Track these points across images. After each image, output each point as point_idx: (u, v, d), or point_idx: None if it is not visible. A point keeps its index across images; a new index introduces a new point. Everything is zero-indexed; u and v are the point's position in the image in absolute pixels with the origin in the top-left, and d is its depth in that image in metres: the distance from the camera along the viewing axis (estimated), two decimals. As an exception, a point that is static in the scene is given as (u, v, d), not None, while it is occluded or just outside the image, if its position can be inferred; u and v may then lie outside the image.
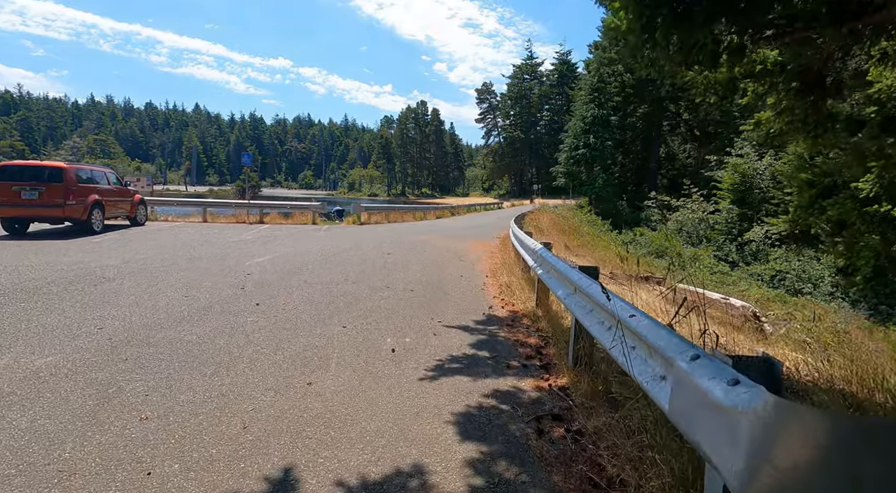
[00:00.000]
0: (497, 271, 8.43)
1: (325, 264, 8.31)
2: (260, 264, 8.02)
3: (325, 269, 7.89)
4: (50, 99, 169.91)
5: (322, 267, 8.03)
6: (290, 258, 8.79)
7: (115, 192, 13.06)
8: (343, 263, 8.61)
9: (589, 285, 3.30)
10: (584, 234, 21.38)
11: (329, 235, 13.56)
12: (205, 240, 11.15)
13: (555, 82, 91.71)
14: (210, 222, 16.81)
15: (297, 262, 8.41)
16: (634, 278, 13.64)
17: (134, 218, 14.19)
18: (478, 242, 14.01)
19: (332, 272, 7.57)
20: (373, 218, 20.62)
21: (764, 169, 33.42)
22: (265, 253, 9.34)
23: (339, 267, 8.06)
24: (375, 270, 8.06)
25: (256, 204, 17.84)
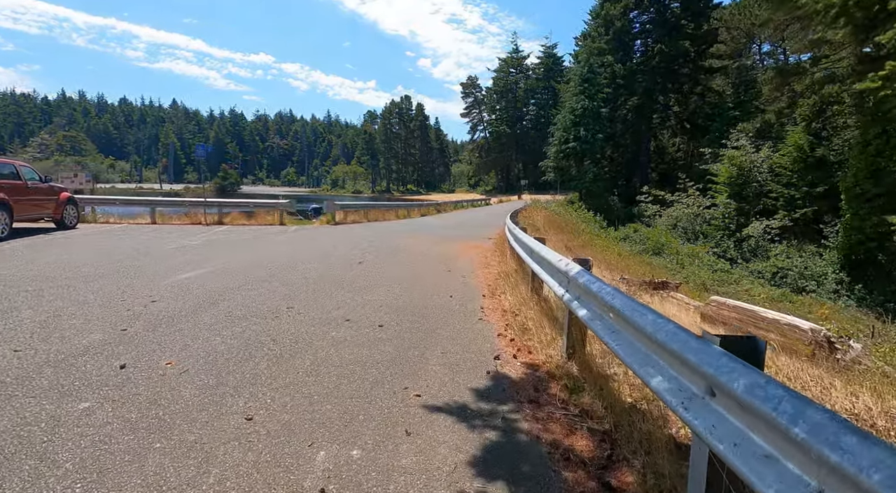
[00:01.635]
0: (496, 288, 6.52)
1: (271, 282, 6.30)
2: (182, 283, 5.97)
3: (269, 289, 5.88)
4: (17, 94, 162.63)
5: (265, 286, 6.02)
6: (229, 274, 6.75)
7: (30, 190, 10.79)
8: (295, 279, 6.60)
9: (732, 371, 1.44)
10: (583, 232, 19.65)
11: (293, 239, 11.51)
12: (135, 247, 9.02)
13: (541, 76, 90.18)
14: (160, 224, 14.58)
15: (236, 280, 6.38)
16: (649, 285, 11.89)
17: (61, 220, 11.94)
18: (468, 243, 12.11)
19: (275, 295, 5.57)
20: (350, 217, 18.56)
21: (761, 161, 32.15)
22: (201, 266, 7.28)
23: (287, 287, 6.06)
24: (336, 289, 6.08)
25: (215, 202, 15.65)
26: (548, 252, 4.52)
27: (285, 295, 5.54)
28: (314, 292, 5.80)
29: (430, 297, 5.89)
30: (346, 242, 11.36)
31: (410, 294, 5.99)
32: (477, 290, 6.50)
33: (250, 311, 4.83)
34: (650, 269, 16.98)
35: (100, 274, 6.31)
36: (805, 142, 29.36)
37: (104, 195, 17.28)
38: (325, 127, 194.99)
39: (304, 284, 6.27)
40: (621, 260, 16.29)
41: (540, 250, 4.81)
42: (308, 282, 6.40)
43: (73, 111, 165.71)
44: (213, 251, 8.96)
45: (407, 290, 6.24)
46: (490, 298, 5.97)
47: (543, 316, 4.72)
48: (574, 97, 44.96)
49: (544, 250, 4.79)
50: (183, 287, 5.73)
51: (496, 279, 7.15)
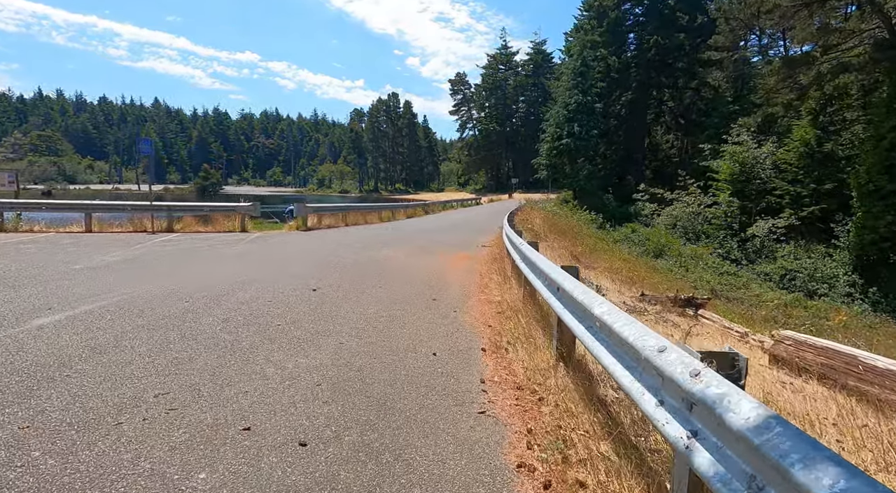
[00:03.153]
0: (501, 334, 4.55)
1: (169, 331, 4.27)
2: (18, 339, 3.92)
3: (152, 348, 3.86)
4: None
5: (153, 341, 4.00)
6: (119, 315, 4.71)
7: None
8: (209, 325, 4.58)
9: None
10: (585, 236, 17.80)
11: (246, 252, 9.43)
12: (22, 268, 6.90)
13: (530, 73, 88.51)
14: (97, 232, 12.40)
15: (118, 326, 4.34)
16: (674, 302, 10.03)
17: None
18: (459, 254, 10.15)
19: (153, 366, 3.54)
20: (325, 221, 16.47)
21: (764, 157, 30.63)
22: (90, 299, 5.22)
23: (187, 341, 4.04)
24: (263, 344, 4.07)
25: (163, 206, 13.46)
26: (605, 311, 2.55)
27: (169, 364, 3.50)
28: (224, 353, 3.78)
29: (404, 357, 3.90)
30: (309, 254, 9.32)
31: (373, 351, 4.00)
32: (473, 338, 4.53)
33: (94, 400, 2.80)
34: (661, 277, 15.21)
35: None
36: (812, 136, 27.88)
37: (28, 200, 15.02)
38: (311, 126, 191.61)
39: (215, 334, 4.24)
40: (628, 267, 14.48)
41: (587, 300, 2.83)
42: (225, 329, 4.37)
43: (49, 110, 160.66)
44: (130, 273, 6.88)
45: (370, 342, 4.24)
46: (494, 355, 4.00)
47: (588, 407, 2.77)
48: (567, 92, 43.22)
49: (592, 300, 2.83)
50: (9, 349, 3.67)
51: (499, 317, 5.19)
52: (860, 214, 23.80)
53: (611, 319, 2.28)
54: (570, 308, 3.32)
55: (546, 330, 4.36)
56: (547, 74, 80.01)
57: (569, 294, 3.24)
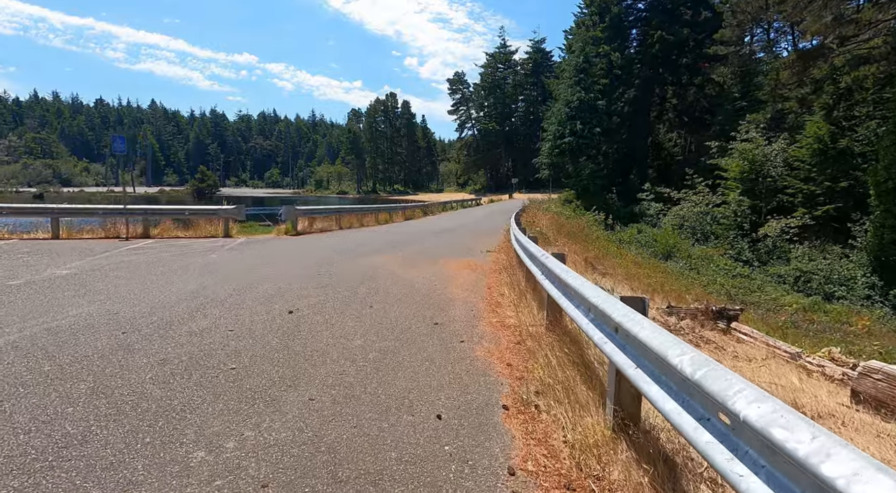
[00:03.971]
0: (526, 379, 3.45)
1: (74, 383, 3.17)
2: None
3: (36, 419, 2.77)
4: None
5: (38, 405, 2.91)
6: (10, 362, 3.62)
7: None
8: (138, 370, 3.49)
9: None
10: (595, 239, 16.71)
11: (219, 263, 8.32)
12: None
13: (529, 72, 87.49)
14: (64, 239, 11.29)
15: (4, 381, 3.25)
16: (705, 315, 8.95)
17: None
18: (461, 262, 9.06)
19: (23, 456, 2.45)
20: (316, 224, 15.36)
21: (775, 155, 29.56)
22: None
23: (91, 403, 2.94)
24: (194, 411, 2.97)
25: (139, 210, 12.33)
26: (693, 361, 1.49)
27: (47, 451, 2.41)
28: (139, 423, 2.68)
29: (396, 423, 2.79)
30: (293, 264, 8.22)
31: (355, 412, 2.90)
32: (489, 385, 3.43)
33: None
34: (680, 283, 14.13)
35: None
36: (826, 132, 26.79)
37: (15, 205, 13.96)
38: (309, 127, 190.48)
39: (142, 386, 3.14)
40: (645, 272, 13.42)
41: (663, 345, 1.78)
42: (159, 377, 3.27)
43: (45, 113, 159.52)
44: (74, 290, 5.77)
45: (351, 394, 3.14)
46: (520, 417, 2.89)
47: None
48: (569, 89, 42.14)
49: (670, 345, 1.78)
50: None
51: (518, 350, 4.10)
52: (878, 212, 22.71)
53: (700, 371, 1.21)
54: (633, 355, 2.24)
55: (587, 375, 3.27)
56: (546, 73, 79.02)
57: (635, 338, 2.16)
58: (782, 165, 29.10)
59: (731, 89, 41.30)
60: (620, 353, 2.34)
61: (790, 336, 10.91)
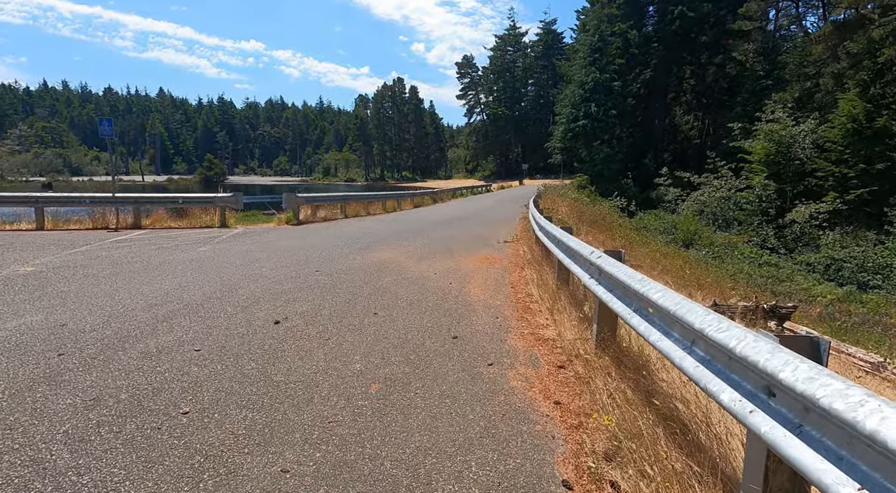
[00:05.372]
0: (586, 428, 2.50)
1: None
2: None
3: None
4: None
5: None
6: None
7: None
8: (53, 417, 2.59)
9: None
10: (620, 227, 15.60)
11: (208, 256, 7.42)
12: None
13: (540, 54, 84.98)
14: (50, 229, 10.49)
15: None
16: (755, 313, 7.92)
17: None
18: (478, 255, 8.08)
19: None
20: (320, 212, 14.42)
21: (804, 136, 27.93)
22: None
23: None
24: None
25: (129, 198, 11.48)
26: None
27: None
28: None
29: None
30: (289, 259, 7.30)
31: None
32: (537, 442, 2.47)
33: None
34: (714, 275, 13.05)
35: None
36: (860, 111, 25.09)
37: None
38: (316, 114, 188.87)
39: (45, 450, 2.24)
40: (674, 263, 12.34)
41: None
42: (77, 431, 2.36)
43: (55, 102, 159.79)
44: (28, 293, 4.90)
45: (342, 461, 2.21)
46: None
47: None
48: (583, 70, 40.42)
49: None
50: None
51: (563, 377, 3.13)
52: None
53: None
54: (818, 439, 1.28)
55: (674, 425, 2.30)
56: (558, 55, 76.69)
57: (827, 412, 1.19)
58: (811, 146, 27.49)
59: (754, 68, 39.30)
60: (764, 418, 1.35)
61: (830, 331, 9.84)
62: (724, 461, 2.05)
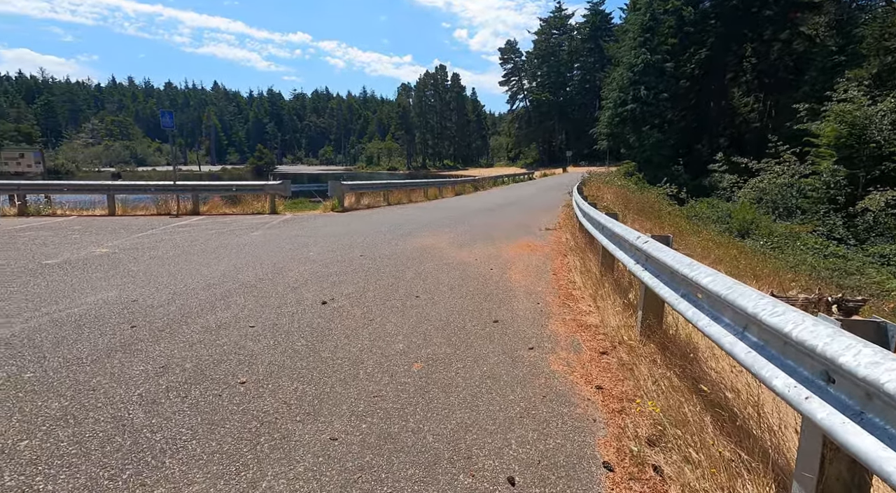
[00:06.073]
0: (628, 412, 2.48)
1: (45, 402, 2.56)
2: None
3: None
4: (72, 82, 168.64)
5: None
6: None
7: None
8: (130, 381, 2.85)
9: None
10: (668, 215, 14.97)
11: (261, 240, 7.81)
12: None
13: (586, 37, 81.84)
14: (119, 216, 11.36)
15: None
16: (817, 305, 7.44)
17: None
18: (520, 242, 8.03)
19: None
20: (364, 200, 14.76)
21: (882, 116, 25.50)
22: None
23: (50, 445, 2.30)
24: (174, 455, 2.26)
25: (188, 187, 12.20)
26: None
27: None
28: (99, 483, 1.99)
29: (451, 487, 1.94)
30: (335, 243, 7.55)
31: (389, 473, 2.07)
32: (577, 424, 2.48)
33: None
34: (767, 264, 12.29)
35: None
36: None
37: (49, 181, 14.35)
38: (360, 103, 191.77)
39: (124, 411, 2.48)
40: (727, 253, 11.71)
41: None
42: (148, 396, 2.60)
43: (122, 97, 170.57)
44: (102, 272, 5.38)
45: (386, 434, 2.32)
46: (635, 490, 1.95)
47: None
48: (633, 51, 38.65)
49: None
50: None
51: (605, 363, 3.10)
52: None
53: None
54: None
55: (721, 413, 2.23)
56: (605, 37, 73.59)
57: None
58: (890, 127, 25.08)
59: (825, 43, 36.13)
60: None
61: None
62: (777, 451, 1.98)
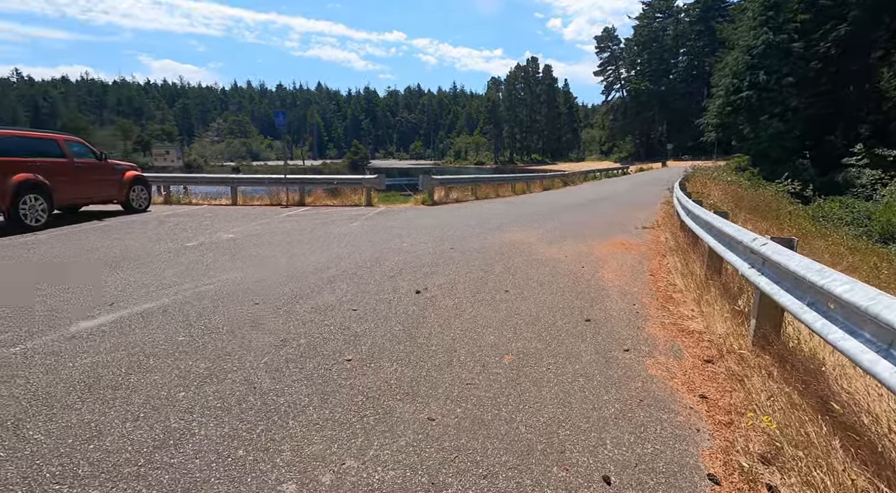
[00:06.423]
0: (739, 430, 2.32)
1: (194, 361, 3.02)
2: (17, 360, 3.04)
3: (160, 386, 2.60)
4: (203, 87, 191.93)
5: (157, 381, 2.77)
6: (152, 329, 3.71)
7: (77, 168, 9.30)
8: (256, 350, 3.26)
9: None
10: (786, 215, 13.28)
11: (359, 231, 8.37)
12: (136, 245, 6.69)
13: (695, 18, 74.79)
14: (239, 205, 12.84)
15: (137, 351, 3.28)
16: None
17: (128, 202, 10.56)
18: (613, 240, 7.70)
19: (138, 438, 2.23)
20: (452, 194, 15.07)
21: None
22: (149, 296, 4.42)
23: (204, 389, 2.70)
24: (296, 418, 2.54)
25: (296, 180, 13.39)
26: None
27: (157, 440, 2.15)
28: (236, 426, 2.34)
29: (543, 483, 1.98)
30: (426, 236, 7.84)
31: (484, 456, 2.16)
32: (679, 428, 2.37)
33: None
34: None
35: None
36: None
37: (206, 175, 16.38)
38: (450, 99, 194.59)
39: (254, 373, 2.84)
40: (859, 258, 10.11)
41: None
42: (274, 363, 2.96)
43: (241, 99, 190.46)
44: (231, 254, 6.16)
45: (479, 419, 2.41)
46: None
47: None
48: (751, 32, 34.63)
49: None
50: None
51: (714, 370, 2.90)
52: None
53: None
54: None
55: (847, 433, 2.00)
56: (719, 17, 66.69)
57: None
58: None
59: None
60: None
61: None
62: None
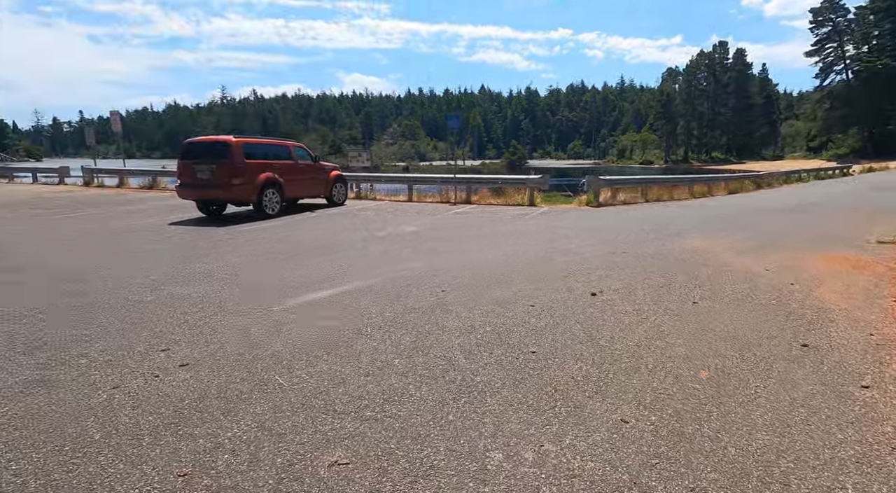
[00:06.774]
0: None
1: (402, 335, 3.50)
2: (268, 323, 3.90)
3: (390, 348, 3.11)
4: (383, 96, 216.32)
5: (383, 343, 3.28)
6: (356, 305, 4.38)
7: (299, 169, 11.51)
8: (448, 333, 3.62)
9: None
10: None
11: (525, 230, 8.52)
12: (332, 233, 7.96)
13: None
14: (415, 202, 14.21)
15: (351, 323, 3.92)
16: None
17: (330, 197, 12.67)
18: (832, 255, 6.36)
19: (354, 401, 2.71)
20: (619, 195, 14.18)
21: None
22: (349, 279, 5.24)
23: (412, 358, 3.12)
24: (495, 394, 2.74)
25: (464, 179, 14.21)
26: None
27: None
28: (444, 394, 2.66)
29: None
30: (594, 239, 7.59)
31: (689, 469, 2.06)
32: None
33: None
34: None
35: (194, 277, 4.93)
36: None
37: (389, 174, 18.55)
38: (616, 94, 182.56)
39: (450, 353, 3.18)
40: None
41: None
42: (465, 347, 3.27)
43: (413, 104, 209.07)
44: (413, 245, 6.92)
45: (681, 433, 2.30)
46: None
47: None
48: None
49: None
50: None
51: None
52: None
53: None
54: None
55: None
56: None
57: None
58: None
59: None
60: None
61: None
62: None
